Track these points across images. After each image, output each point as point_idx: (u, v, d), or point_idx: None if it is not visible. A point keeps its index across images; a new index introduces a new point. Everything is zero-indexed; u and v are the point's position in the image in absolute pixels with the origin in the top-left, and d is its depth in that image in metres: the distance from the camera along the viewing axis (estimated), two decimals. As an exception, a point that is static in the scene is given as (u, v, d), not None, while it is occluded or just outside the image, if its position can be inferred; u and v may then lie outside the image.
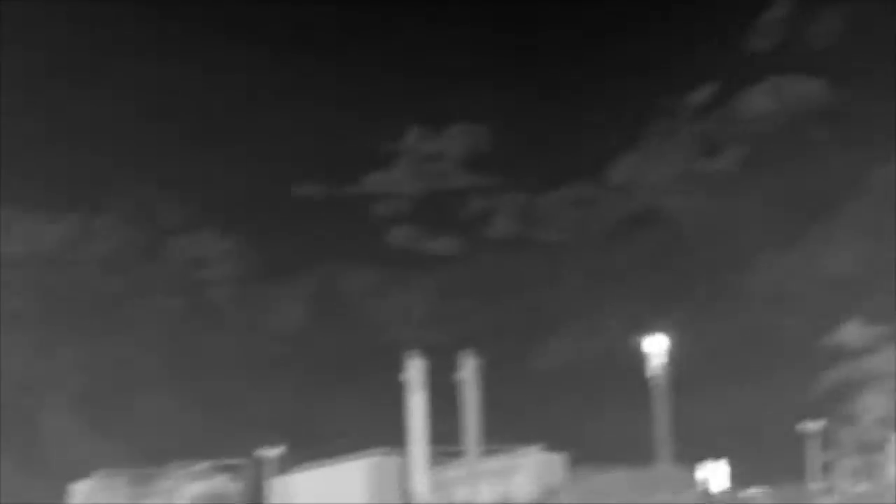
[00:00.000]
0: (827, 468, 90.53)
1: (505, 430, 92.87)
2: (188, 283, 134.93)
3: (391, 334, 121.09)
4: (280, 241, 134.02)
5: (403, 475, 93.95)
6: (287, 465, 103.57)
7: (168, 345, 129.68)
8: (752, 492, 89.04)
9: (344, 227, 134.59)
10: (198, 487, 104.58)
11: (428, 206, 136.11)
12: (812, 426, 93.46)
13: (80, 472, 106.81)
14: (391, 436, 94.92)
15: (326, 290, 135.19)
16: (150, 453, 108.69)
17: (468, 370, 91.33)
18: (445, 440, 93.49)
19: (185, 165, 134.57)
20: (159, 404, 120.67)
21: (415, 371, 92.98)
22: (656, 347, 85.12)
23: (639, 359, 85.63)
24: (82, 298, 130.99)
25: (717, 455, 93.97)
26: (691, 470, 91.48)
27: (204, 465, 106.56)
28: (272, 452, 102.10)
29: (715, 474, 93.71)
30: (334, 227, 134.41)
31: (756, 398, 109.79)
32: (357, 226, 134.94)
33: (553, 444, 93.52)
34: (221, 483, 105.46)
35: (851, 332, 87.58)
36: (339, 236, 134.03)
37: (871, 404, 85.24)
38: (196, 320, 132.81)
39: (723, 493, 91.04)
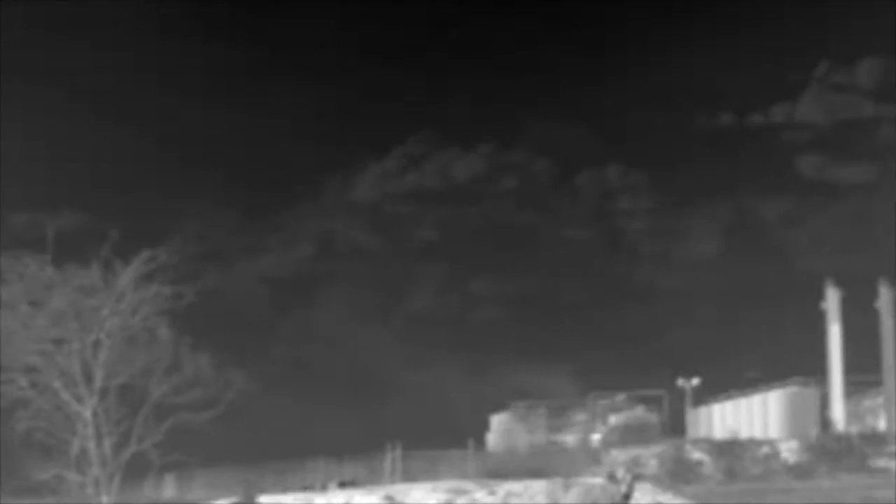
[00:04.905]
0: None
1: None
2: (599, 215, 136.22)
3: (806, 263, 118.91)
4: (688, 172, 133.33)
5: (821, 405, 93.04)
6: (704, 395, 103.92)
7: (581, 277, 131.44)
8: None
9: (752, 156, 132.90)
10: (616, 418, 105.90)
11: (836, 135, 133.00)
12: None
13: (499, 405, 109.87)
14: (808, 365, 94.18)
15: (740, 219, 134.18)
16: (568, 386, 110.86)
17: (884, 299, 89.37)
18: (862, 369, 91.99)
19: (591, 100, 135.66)
20: (575, 336, 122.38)
21: (831, 301, 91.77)
22: None
23: None
24: (495, 231, 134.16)
25: None
26: None
27: (621, 396, 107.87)
28: (689, 383, 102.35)
29: None
30: (742, 157, 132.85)
31: None
32: (765, 155, 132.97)
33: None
34: (639, 414, 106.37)
35: None
36: (748, 166, 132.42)
37: None
38: (609, 252, 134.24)
39: None
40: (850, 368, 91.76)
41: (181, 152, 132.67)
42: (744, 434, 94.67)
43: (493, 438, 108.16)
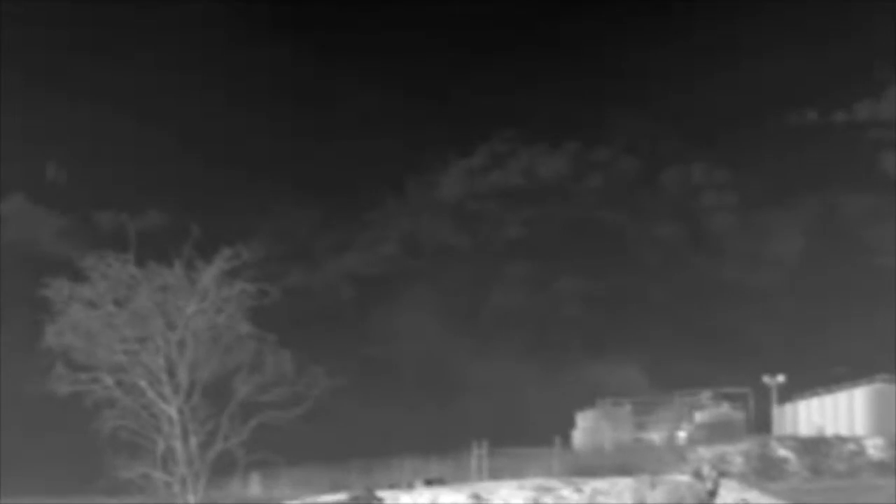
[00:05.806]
0: None
1: None
2: (684, 213, 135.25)
3: (891, 260, 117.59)
4: (772, 169, 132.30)
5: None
6: (789, 392, 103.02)
7: (666, 274, 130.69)
8: None
9: (836, 154, 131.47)
10: (701, 416, 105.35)
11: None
12: None
13: (585, 402, 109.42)
14: (893, 362, 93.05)
15: (825, 217, 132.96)
16: (653, 382, 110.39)
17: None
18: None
19: (676, 98, 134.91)
20: (660, 334, 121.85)
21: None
22: None
23: None
24: (580, 229, 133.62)
25: None
26: None
27: (706, 393, 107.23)
28: (774, 380, 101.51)
29: None
30: (827, 155, 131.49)
31: None
32: (849, 153, 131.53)
33: None
34: (724, 411, 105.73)
35: None
36: (832, 163, 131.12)
37: None
38: (694, 249, 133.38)
39: None
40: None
41: (265, 152, 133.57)
42: (829, 431, 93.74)
43: (578, 436, 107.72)
